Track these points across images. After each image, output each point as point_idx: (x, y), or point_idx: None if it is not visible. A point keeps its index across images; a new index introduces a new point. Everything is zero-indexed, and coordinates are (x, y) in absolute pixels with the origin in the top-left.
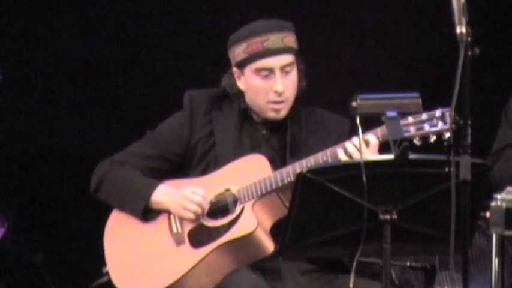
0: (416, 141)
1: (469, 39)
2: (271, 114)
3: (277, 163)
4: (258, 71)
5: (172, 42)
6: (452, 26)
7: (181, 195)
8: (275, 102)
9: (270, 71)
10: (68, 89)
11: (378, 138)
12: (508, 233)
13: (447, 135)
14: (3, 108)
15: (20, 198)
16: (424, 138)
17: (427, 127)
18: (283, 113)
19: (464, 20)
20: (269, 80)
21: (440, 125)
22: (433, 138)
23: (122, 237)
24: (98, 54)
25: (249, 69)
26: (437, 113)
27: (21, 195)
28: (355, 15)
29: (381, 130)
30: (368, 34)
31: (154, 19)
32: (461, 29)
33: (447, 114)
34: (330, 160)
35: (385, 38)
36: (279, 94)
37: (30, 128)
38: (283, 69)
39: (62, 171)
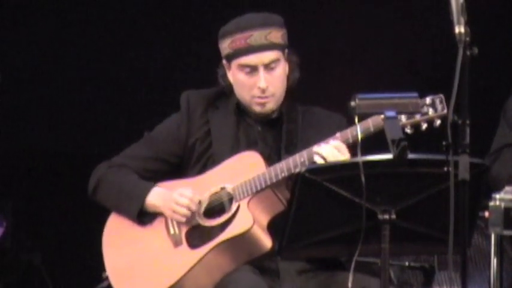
0: (408, 130)
1: (468, 38)
2: (257, 108)
3: (273, 160)
4: (241, 67)
5: (171, 42)
6: (451, 26)
7: (170, 199)
8: (260, 97)
9: (253, 67)
10: (68, 89)
11: (348, 138)
12: (506, 232)
13: (438, 122)
14: (2, 108)
15: (19, 197)
16: (415, 126)
17: (417, 115)
18: (269, 106)
19: (462, 20)
20: (253, 76)
21: (431, 112)
22: (424, 126)
23: (120, 241)
24: (97, 55)
25: (234, 64)
26: (428, 100)
27: (20, 195)
28: (354, 15)
29: (373, 121)
30: (367, 33)
31: (153, 19)
32: (459, 29)
33: (437, 101)
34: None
35: (385, 38)
36: (262, 91)
37: (30, 128)
38: (267, 65)
39: (61, 171)
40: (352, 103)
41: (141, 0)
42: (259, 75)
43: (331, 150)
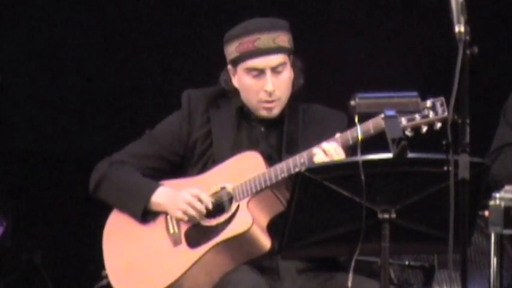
0: (408, 133)
1: (468, 38)
2: (263, 113)
3: (274, 160)
4: (248, 70)
5: (172, 41)
6: (451, 25)
7: (182, 199)
8: (266, 101)
9: (261, 70)
10: (68, 89)
11: (349, 139)
12: (506, 231)
13: (438, 125)
14: (3, 108)
15: (20, 197)
16: (416, 129)
17: (418, 117)
18: (275, 111)
19: (462, 19)
20: (260, 80)
21: (432, 115)
22: (424, 129)
23: (119, 240)
24: (98, 55)
25: (240, 68)
26: (428, 103)
27: (20, 194)
28: (354, 14)
29: (373, 122)
30: (368, 33)
31: (153, 18)
32: (459, 28)
33: (438, 104)
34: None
35: (385, 38)
36: (270, 94)
37: (30, 128)
38: (274, 69)
39: (62, 171)
40: (352, 102)
41: (141, 0)
42: (267, 78)
43: (329, 149)
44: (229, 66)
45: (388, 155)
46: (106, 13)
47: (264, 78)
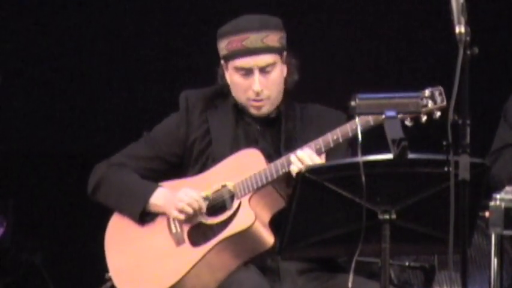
0: (408, 123)
1: (468, 38)
2: (253, 111)
3: (272, 158)
4: (237, 69)
5: (170, 41)
6: (451, 25)
7: (178, 198)
8: (254, 100)
9: (249, 70)
10: (68, 89)
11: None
12: (507, 232)
13: (437, 114)
14: (3, 108)
15: (20, 197)
16: (415, 118)
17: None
18: (264, 109)
19: (463, 20)
20: (248, 79)
21: (430, 105)
22: (424, 118)
23: (122, 241)
24: (97, 55)
25: (230, 66)
26: (427, 92)
27: (20, 194)
28: (355, 14)
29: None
30: (368, 33)
31: (151, 18)
32: (460, 29)
33: (436, 93)
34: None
35: (385, 37)
36: (257, 93)
37: (30, 128)
38: (263, 69)
39: (62, 171)
40: (353, 103)
41: (141, 0)
42: (254, 78)
43: (303, 157)
44: (222, 62)
45: (389, 156)
46: (105, 13)
47: (252, 77)
